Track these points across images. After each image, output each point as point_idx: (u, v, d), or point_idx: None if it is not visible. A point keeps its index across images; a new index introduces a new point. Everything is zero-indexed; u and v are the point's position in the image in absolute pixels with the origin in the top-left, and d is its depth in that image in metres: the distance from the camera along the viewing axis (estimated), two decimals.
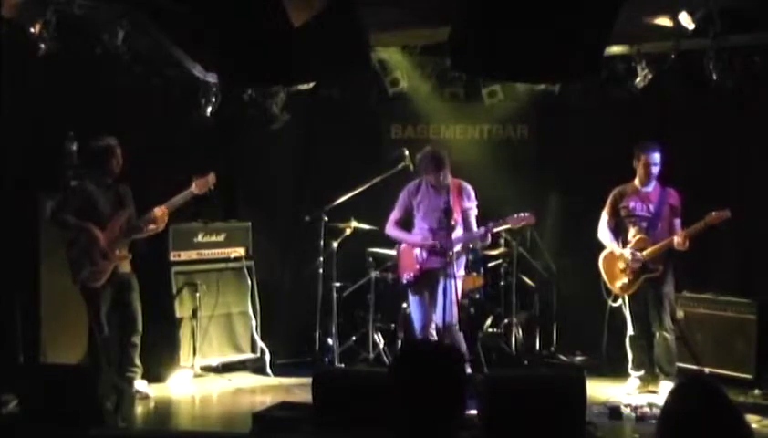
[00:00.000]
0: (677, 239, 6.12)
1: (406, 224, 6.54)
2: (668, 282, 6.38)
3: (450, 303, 6.04)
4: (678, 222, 6.33)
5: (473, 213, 6.32)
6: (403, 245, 6.54)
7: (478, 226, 6.28)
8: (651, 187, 6.38)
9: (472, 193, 6.36)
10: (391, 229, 6.55)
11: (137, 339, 6.27)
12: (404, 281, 6.50)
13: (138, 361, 6.29)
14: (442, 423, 2.47)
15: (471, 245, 6.57)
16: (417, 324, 6.44)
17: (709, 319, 6.69)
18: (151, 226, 6.30)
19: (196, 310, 6.91)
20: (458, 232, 6.21)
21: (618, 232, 6.45)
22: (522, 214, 6.21)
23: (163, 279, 6.91)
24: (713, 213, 6.08)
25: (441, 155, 6.26)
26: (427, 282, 6.33)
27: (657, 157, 6.30)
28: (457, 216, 6.19)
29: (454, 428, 2.49)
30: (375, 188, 7.05)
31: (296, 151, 8.03)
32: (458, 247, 6.20)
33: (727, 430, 2.12)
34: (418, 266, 6.36)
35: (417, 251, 6.37)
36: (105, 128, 6.31)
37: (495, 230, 6.27)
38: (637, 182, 6.41)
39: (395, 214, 6.53)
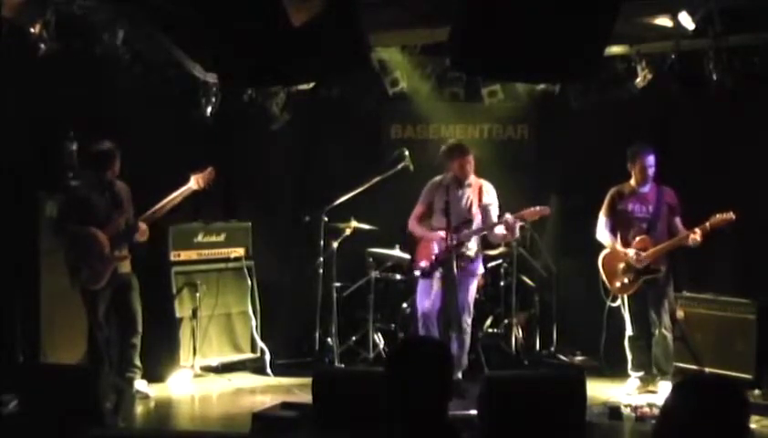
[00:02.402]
0: (692, 236, 6.10)
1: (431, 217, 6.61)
2: (667, 282, 6.38)
3: (465, 298, 6.28)
4: (678, 220, 6.33)
5: (494, 210, 6.43)
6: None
7: None
8: (648, 188, 6.38)
9: (493, 192, 6.51)
10: (413, 225, 6.63)
11: (136, 340, 6.27)
12: (418, 270, 6.52)
13: (137, 362, 6.29)
14: (428, 418, 2.57)
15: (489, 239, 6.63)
16: (419, 310, 6.47)
17: (709, 319, 6.68)
18: (136, 234, 6.27)
19: (196, 310, 6.91)
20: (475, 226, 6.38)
21: (616, 233, 6.45)
22: (537, 208, 6.35)
23: (163, 279, 6.91)
24: (717, 215, 6.08)
25: (464, 145, 6.69)
26: (440, 271, 6.36)
27: (652, 159, 6.31)
28: (476, 212, 6.37)
29: (444, 423, 2.59)
30: (375, 188, 7.06)
31: (296, 151, 8.02)
32: (473, 243, 6.33)
33: (725, 430, 2.12)
34: (434, 256, 6.41)
35: (434, 244, 6.43)
36: (105, 128, 6.31)
37: (517, 223, 6.32)
38: (633, 183, 6.41)
39: (418, 208, 6.61)
